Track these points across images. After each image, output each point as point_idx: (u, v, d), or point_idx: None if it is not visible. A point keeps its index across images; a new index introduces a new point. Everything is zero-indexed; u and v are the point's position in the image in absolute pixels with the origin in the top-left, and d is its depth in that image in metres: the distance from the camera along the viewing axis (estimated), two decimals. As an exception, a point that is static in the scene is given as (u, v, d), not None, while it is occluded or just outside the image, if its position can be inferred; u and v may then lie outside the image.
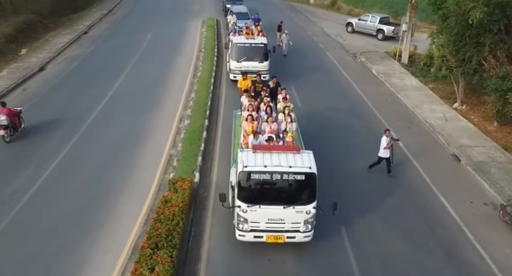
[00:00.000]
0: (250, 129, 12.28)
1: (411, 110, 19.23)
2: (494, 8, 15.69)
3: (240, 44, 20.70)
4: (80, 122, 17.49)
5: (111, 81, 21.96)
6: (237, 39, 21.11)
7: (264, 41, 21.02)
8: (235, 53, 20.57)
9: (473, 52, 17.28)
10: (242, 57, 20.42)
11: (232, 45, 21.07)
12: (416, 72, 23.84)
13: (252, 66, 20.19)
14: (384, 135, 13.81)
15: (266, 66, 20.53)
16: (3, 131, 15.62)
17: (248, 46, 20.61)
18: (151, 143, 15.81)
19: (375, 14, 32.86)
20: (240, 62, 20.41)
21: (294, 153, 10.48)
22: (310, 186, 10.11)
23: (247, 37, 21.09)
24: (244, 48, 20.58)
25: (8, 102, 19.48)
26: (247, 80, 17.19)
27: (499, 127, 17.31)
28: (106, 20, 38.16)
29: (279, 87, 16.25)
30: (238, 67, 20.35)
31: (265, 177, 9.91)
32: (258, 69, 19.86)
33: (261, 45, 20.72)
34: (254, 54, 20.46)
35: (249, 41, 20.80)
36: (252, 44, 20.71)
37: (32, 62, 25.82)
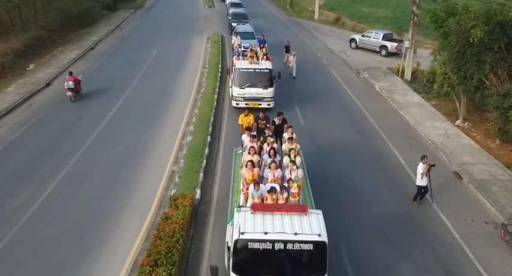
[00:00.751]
0: (250, 178, 10.89)
1: (413, 127, 19.27)
2: (495, 26, 15.84)
3: (243, 69, 19.62)
4: (84, 138, 17.71)
5: (115, 98, 22.26)
6: (240, 64, 20.02)
7: (269, 66, 20.01)
8: (238, 78, 19.41)
9: (475, 70, 17.37)
10: (245, 83, 19.27)
11: (235, 70, 19.96)
12: (419, 89, 23.94)
13: (256, 92, 19.22)
14: (421, 162, 13.05)
15: (271, 93, 19.42)
16: (70, 93, 21.59)
17: (252, 71, 19.56)
18: (153, 159, 15.96)
19: (378, 31, 33.14)
20: (243, 88, 19.24)
21: (301, 215, 9.01)
22: (319, 257, 8.52)
23: (251, 61, 20.00)
24: (247, 73, 19.48)
25: (14, 118, 19.99)
26: (249, 117, 15.26)
27: (501, 144, 17.29)
28: (113, 35, 38.76)
29: (285, 124, 14.70)
30: (241, 94, 19.32)
31: (265, 246, 8.39)
32: (262, 96, 19.18)
33: (265, 71, 19.66)
34: (258, 80, 19.38)
35: (252, 66, 19.73)
36: (256, 70, 19.64)
37: (39, 77, 26.23)
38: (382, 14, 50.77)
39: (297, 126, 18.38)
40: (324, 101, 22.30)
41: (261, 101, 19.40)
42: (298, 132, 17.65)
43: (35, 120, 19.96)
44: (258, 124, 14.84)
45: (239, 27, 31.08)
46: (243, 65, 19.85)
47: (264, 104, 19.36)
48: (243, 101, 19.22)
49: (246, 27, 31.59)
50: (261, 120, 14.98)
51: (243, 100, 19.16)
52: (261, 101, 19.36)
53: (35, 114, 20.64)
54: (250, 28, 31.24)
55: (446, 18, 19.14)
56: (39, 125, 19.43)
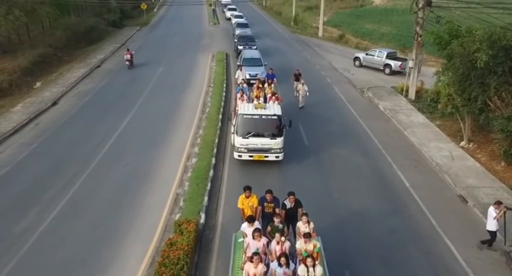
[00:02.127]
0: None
1: (418, 148, 19.26)
2: (499, 51, 15.95)
3: (248, 115, 16.65)
4: (89, 159, 17.82)
5: (121, 117, 22.43)
6: (243, 108, 17.12)
7: (278, 111, 17.02)
8: (241, 126, 16.51)
9: (479, 92, 17.44)
10: (250, 132, 16.44)
11: (237, 116, 17.01)
12: (423, 108, 23.97)
13: (262, 143, 16.41)
14: (493, 206, 12.31)
15: (280, 144, 16.49)
16: (128, 63, 32.14)
17: (257, 118, 16.61)
18: (158, 182, 16.01)
19: (382, 49, 33.35)
20: (246, 137, 16.40)
21: None
22: None
23: (256, 106, 17.14)
24: (252, 120, 16.57)
25: (20, 137, 20.18)
26: (252, 198, 11.47)
27: (507, 167, 17.22)
28: (119, 53, 39.11)
29: (299, 208, 11.38)
30: (244, 145, 16.46)
31: None
32: (270, 147, 16.44)
33: (273, 118, 16.64)
34: (265, 129, 16.52)
35: (258, 112, 16.77)
36: (263, 116, 16.65)
37: (45, 96, 26.51)
38: (385, 30, 51.17)
39: (301, 146, 18.59)
40: (328, 120, 22.36)
41: (268, 153, 16.58)
42: (303, 153, 17.89)
43: (41, 141, 20.12)
44: (263, 208, 11.43)
45: (245, 53, 29.88)
46: (246, 110, 16.89)
47: (271, 157, 16.63)
48: (246, 152, 16.54)
49: (252, 53, 30.16)
50: (268, 202, 11.40)
51: (247, 152, 16.52)
52: (267, 152, 16.56)
53: (41, 134, 20.82)
54: (257, 54, 29.70)
55: (450, 40, 19.37)
56: (45, 146, 19.58)
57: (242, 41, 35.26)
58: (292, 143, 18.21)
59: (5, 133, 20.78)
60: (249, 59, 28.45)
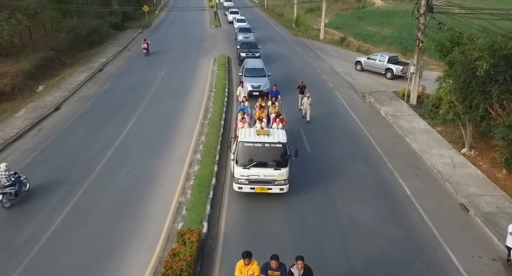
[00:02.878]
0: None
1: (419, 155, 19.30)
2: (500, 59, 16.00)
3: (249, 143, 14.90)
4: (92, 166, 17.91)
5: (123, 123, 22.52)
6: (244, 134, 15.26)
7: (283, 138, 15.18)
8: (242, 155, 14.89)
9: (480, 100, 17.48)
10: (251, 161, 14.84)
11: (237, 144, 15.20)
12: (425, 114, 24.01)
13: (265, 174, 14.80)
14: None
15: (284, 175, 14.88)
16: (145, 51, 37.26)
17: (260, 147, 14.89)
18: (161, 190, 16.08)
19: (383, 53, 33.39)
20: (247, 168, 14.79)
21: None
22: None
23: (259, 132, 15.26)
24: (254, 149, 14.90)
25: (23, 144, 20.26)
26: (253, 265, 9.72)
27: (508, 174, 17.26)
28: (121, 56, 39.28)
29: None
30: (245, 176, 14.88)
31: None
32: (273, 179, 14.85)
33: (278, 146, 14.89)
34: (268, 158, 14.94)
35: (261, 139, 14.92)
36: (266, 144, 14.87)
37: (48, 101, 26.61)
38: (387, 33, 51.24)
39: (303, 153, 18.60)
40: (330, 126, 22.42)
41: (271, 185, 14.96)
42: (305, 161, 17.91)
43: (44, 147, 20.23)
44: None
45: (248, 62, 28.25)
46: (248, 137, 15.05)
47: (275, 189, 15.05)
48: (247, 184, 14.94)
49: (255, 62, 28.51)
50: (273, 270, 9.60)
51: (248, 183, 14.91)
52: (270, 184, 14.93)
53: (44, 140, 20.92)
54: (260, 64, 28.20)
55: (452, 47, 19.43)
56: (48, 152, 19.68)
57: (245, 48, 34.39)
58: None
59: (8, 139, 20.90)
60: (252, 69, 27.13)
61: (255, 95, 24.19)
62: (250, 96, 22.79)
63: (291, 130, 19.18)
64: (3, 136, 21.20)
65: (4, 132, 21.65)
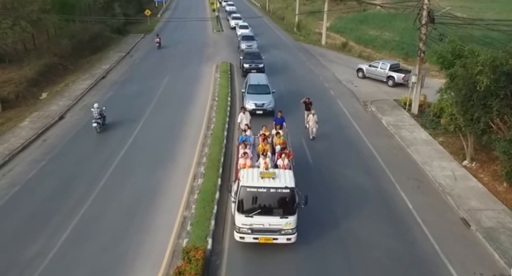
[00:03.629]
0: None
1: (421, 167, 19.48)
2: (501, 75, 16.16)
3: (252, 188, 13.18)
4: (97, 179, 18.12)
5: (126, 133, 22.74)
6: (247, 177, 13.42)
7: (291, 181, 13.35)
8: (244, 202, 13.26)
9: (481, 113, 17.63)
10: (254, 209, 13.22)
11: (239, 188, 13.40)
12: (426, 124, 24.16)
13: (270, 223, 13.18)
14: None
15: (292, 224, 13.25)
16: (158, 44, 42.87)
17: (265, 192, 13.14)
18: (165, 204, 16.28)
19: (385, 61, 33.55)
20: (250, 216, 13.17)
21: None
22: None
23: (263, 175, 13.35)
24: (258, 195, 13.17)
25: (30, 154, 20.54)
26: None
27: (509, 187, 17.43)
28: (124, 62, 39.49)
29: None
30: (247, 224, 13.27)
31: None
32: (280, 228, 13.22)
33: (285, 192, 13.14)
34: (274, 205, 13.34)
35: (266, 183, 13.15)
36: (271, 189, 13.12)
37: (52, 110, 26.81)
38: (388, 37, 51.36)
39: (305, 165, 18.81)
40: (332, 137, 22.57)
41: (277, 235, 13.37)
42: (307, 172, 18.08)
43: (49, 158, 20.43)
44: None
45: (251, 78, 26.89)
46: (251, 181, 13.28)
47: (281, 239, 13.44)
48: (250, 233, 13.35)
49: (259, 78, 27.06)
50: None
51: (251, 233, 13.32)
52: (276, 234, 13.33)
53: (49, 151, 21.12)
54: (264, 80, 26.77)
55: (453, 59, 19.61)
56: (53, 163, 19.88)
57: (248, 59, 33.22)
58: (296, 162, 18.43)
59: (14, 150, 21.10)
60: (255, 85, 25.77)
61: (258, 113, 24.07)
62: (253, 115, 22.63)
63: (293, 141, 19.34)
64: (9, 147, 21.40)
65: (10, 143, 21.85)
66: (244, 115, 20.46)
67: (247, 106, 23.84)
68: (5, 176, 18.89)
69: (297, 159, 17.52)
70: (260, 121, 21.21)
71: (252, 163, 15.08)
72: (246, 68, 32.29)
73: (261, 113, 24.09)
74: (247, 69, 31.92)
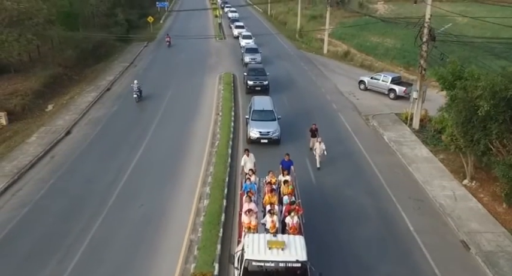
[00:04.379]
0: None
1: (422, 186, 19.84)
2: (500, 100, 16.52)
3: (258, 262, 11.41)
4: (105, 199, 18.51)
5: (133, 150, 23.13)
6: (252, 247, 11.60)
7: (302, 253, 11.50)
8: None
9: (481, 135, 17.98)
10: None
11: (242, 259, 11.71)
12: (427, 140, 24.51)
13: None
14: None
15: None
16: (168, 43, 50.05)
17: (273, 266, 11.36)
18: (172, 226, 16.67)
19: (386, 74, 33.88)
20: None
21: None
22: None
23: (271, 244, 11.50)
24: (265, 269, 11.42)
25: (37, 173, 20.91)
26: None
27: (508, 209, 17.80)
28: (128, 73, 39.90)
29: None
30: None
31: None
32: None
33: (295, 266, 11.30)
34: None
35: (273, 256, 11.34)
36: (280, 263, 11.31)
37: (59, 125, 27.23)
38: (390, 44, 51.71)
39: (308, 184, 19.18)
40: (335, 154, 22.68)
41: None
42: (310, 192, 18.44)
43: (58, 176, 20.83)
44: None
45: (256, 102, 25.25)
46: (257, 253, 11.46)
47: None
48: None
49: (264, 102, 25.33)
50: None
51: None
52: None
53: (57, 169, 21.51)
54: (269, 104, 25.06)
55: (453, 81, 19.96)
56: (61, 182, 20.28)
57: (252, 75, 32.26)
58: (299, 182, 18.86)
59: (22, 168, 21.51)
60: (260, 111, 24.14)
61: (263, 142, 23.06)
62: (257, 143, 22.38)
63: (296, 159, 19.65)
64: (18, 165, 21.81)
65: (18, 161, 22.27)
66: (248, 158, 17.86)
67: (251, 134, 22.99)
68: (15, 195, 19.31)
69: (300, 180, 17.91)
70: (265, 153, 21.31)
71: (257, 221, 13.79)
72: (250, 86, 31.68)
73: (266, 142, 23.03)
74: (252, 86, 31.48)
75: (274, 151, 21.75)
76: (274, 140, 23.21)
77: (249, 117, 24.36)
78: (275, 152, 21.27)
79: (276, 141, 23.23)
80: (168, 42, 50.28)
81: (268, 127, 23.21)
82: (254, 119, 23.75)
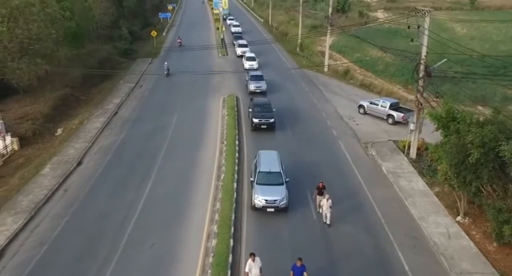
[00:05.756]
0: None
1: (417, 223, 20.96)
2: (489, 150, 17.64)
3: None
4: (116, 240, 19.63)
5: (142, 184, 24.39)
6: None
7: None
8: None
9: (473, 178, 19.07)
10: None
11: None
12: (423, 171, 25.61)
13: None
14: None
15: None
16: (179, 45, 61.69)
17: None
18: (183, 267, 17.79)
19: (385, 99, 34.92)
20: None
21: None
22: None
23: None
24: None
25: (53, 207, 22.15)
26: None
27: (498, 247, 18.92)
28: (133, 95, 41.11)
29: None
30: None
31: None
32: None
33: None
34: None
35: None
36: None
37: (70, 154, 28.44)
38: (389, 58, 52.66)
39: (309, 220, 20.25)
40: (335, 186, 23.53)
41: None
42: (312, 228, 19.54)
43: (72, 212, 22.05)
44: None
45: (262, 161, 22.95)
46: None
47: None
48: None
49: (271, 162, 22.97)
50: None
51: None
52: None
53: (71, 204, 22.71)
54: (276, 164, 22.85)
55: (447, 122, 21.07)
56: (76, 218, 21.48)
57: (257, 112, 31.33)
58: (300, 216, 20.08)
59: (38, 202, 22.75)
60: (266, 173, 22.03)
61: (270, 211, 21.16)
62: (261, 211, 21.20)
63: (300, 193, 20.75)
64: (34, 199, 23.02)
65: (34, 194, 23.48)
66: (253, 263, 16.00)
67: (256, 202, 21.08)
68: (33, 232, 20.52)
69: (301, 215, 18.94)
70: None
71: None
72: (255, 124, 30.81)
73: (272, 211, 21.21)
74: (257, 124, 30.78)
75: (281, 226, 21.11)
76: (281, 208, 21.14)
77: (254, 179, 22.13)
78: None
79: (283, 209, 21.17)
80: (179, 43, 61.56)
81: (275, 194, 21.03)
82: (260, 183, 21.61)
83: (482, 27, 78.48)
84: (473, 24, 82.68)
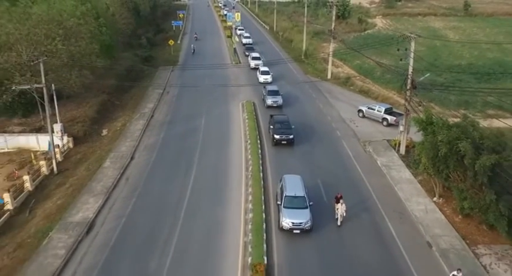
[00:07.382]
0: None
1: (403, 202, 27.39)
2: (453, 146, 24.06)
3: None
4: (176, 214, 25.99)
5: (186, 175, 30.54)
6: None
7: None
8: None
9: (444, 167, 25.54)
10: None
11: None
12: (410, 164, 32.08)
13: None
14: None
15: None
16: (195, 37, 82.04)
17: None
18: (230, 231, 24.09)
19: (381, 105, 41.46)
20: None
21: None
22: None
23: None
24: None
25: (120, 192, 28.33)
26: None
27: (462, 219, 25.39)
28: (163, 100, 47.52)
29: None
30: None
31: None
32: None
33: None
34: None
35: None
36: None
37: (123, 151, 34.79)
38: (387, 63, 58.88)
39: (320, 201, 26.65)
40: (341, 178, 29.91)
41: None
42: (323, 209, 26.01)
43: (137, 195, 28.31)
44: None
45: (287, 185, 25.15)
46: None
47: None
48: None
49: (295, 185, 25.26)
50: None
51: None
52: None
53: (134, 189, 28.94)
54: (300, 187, 25.16)
55: (426, 125, 27.53)
56: (141, 200, 27.73)
57: (278, 128, 34.92)
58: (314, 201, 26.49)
59: (109, 187, 29.07)
60: (292, 197, 24.19)
61: (296, 232, 23.47)
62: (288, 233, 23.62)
63: (308, 183, 27.20)
64: (105, 185, 29.37)
65: (104, 182, 29.83)
66: None
67: (283, 224, 23.43)
68: (111, 209, 26.83)
69: (313, 199, 25.52)
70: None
71: None
72: (276, 140, 34.37)
73: (298, 233, 23.58)
74: (278, 140, 34.37)
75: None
76: (306, 230, 23.48)
77: (280, 203, 24.47)
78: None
79: (307, 230, 23.55)
80: (195, 37, 79.35)
81: (300, 217, 23.33)
82: (286, 207, 23.86)
83: (473, 34, 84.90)
84: (466, 31, 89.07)
